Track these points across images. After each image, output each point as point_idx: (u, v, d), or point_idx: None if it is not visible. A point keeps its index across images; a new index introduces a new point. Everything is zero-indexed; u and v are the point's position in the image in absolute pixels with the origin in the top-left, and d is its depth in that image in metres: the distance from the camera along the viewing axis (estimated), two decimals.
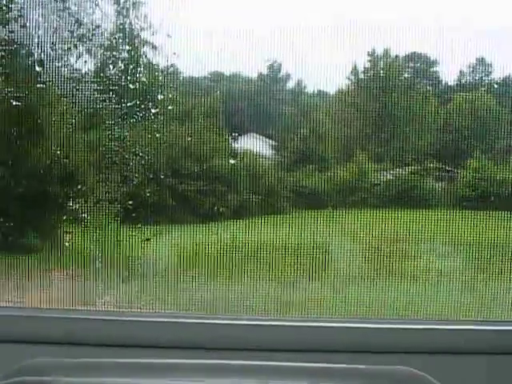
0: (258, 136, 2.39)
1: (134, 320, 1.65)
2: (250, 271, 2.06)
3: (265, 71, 2.40)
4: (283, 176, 2.46)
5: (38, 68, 1.86)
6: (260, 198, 2.33)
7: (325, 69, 1.98)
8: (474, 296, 2.00)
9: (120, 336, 1.61)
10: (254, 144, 2.34)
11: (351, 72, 2.49)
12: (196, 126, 2.18)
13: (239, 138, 2.29)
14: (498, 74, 2.29)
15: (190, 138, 2.16)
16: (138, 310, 1.96)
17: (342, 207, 2.28)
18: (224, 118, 2.21)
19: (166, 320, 1.65)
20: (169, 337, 1.61)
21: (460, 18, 1.96)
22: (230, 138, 2.24)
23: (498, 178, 2.29)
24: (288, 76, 2.48)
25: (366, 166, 2.40)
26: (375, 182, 2.42)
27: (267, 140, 2.44)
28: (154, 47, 2.05)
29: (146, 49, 2.06)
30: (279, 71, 2.47)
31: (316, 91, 2.45)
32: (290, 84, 2.54)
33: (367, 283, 2.14)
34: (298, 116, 2.49)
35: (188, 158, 2.22)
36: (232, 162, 2.15)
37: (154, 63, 2.08)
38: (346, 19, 1.95)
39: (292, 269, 2.10)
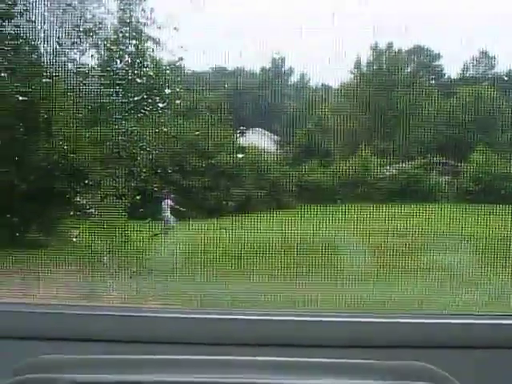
0: (262, 131, 2.39)
1: (142, 316, 1.64)
2: (255, 266, 2.05)
3: (268, 65, 2.40)
4: (288, 171, 2.46)
5: (43, 63, 1.84)
6: (265, 192, 2.33)
7: (328, 62, 1.98)
8: (480, 290, 2.01)
9: (127, 332, 1.59)
10: (259, 139, 2.34)
11: (354, 66, 2.49)
12: (202, 121, 2.18)
13: (244, 133, 2.29)
14: (501, 68, 2.30)
15: (197, 133, 2.15)
16: (146, 306, 1.95)
17: (347, 201, 2.28)
18: (229, 113, 2.20)
19: (173, 316, 1.64)
20: (176, 332, 1.60)
21: (463, 11, 1.97)
22: (235, 133, 2.23)
23: (502, 171, 2.29)
24: (291, 70, 2.48)
25: (371, 160, 2.40)
26: (379, 177, 2.42)
27: (271, 135, 2.43)
28: (159, 42, 2.04)
29: (151, 43, 2.06)
30: (283, 65, 2.47)
31: (319, 85, 2.45)
32: (294, 78, 2.54)
33: (373, 277, 2.14)
34: (302, 110, 2.49)
35: (194, 153, 2.22)
36: (240, 156, 2.15)
37: (160, 58, 2.08)
38: (349, 13, 1.95)
39: (297, 263, 2.10)
